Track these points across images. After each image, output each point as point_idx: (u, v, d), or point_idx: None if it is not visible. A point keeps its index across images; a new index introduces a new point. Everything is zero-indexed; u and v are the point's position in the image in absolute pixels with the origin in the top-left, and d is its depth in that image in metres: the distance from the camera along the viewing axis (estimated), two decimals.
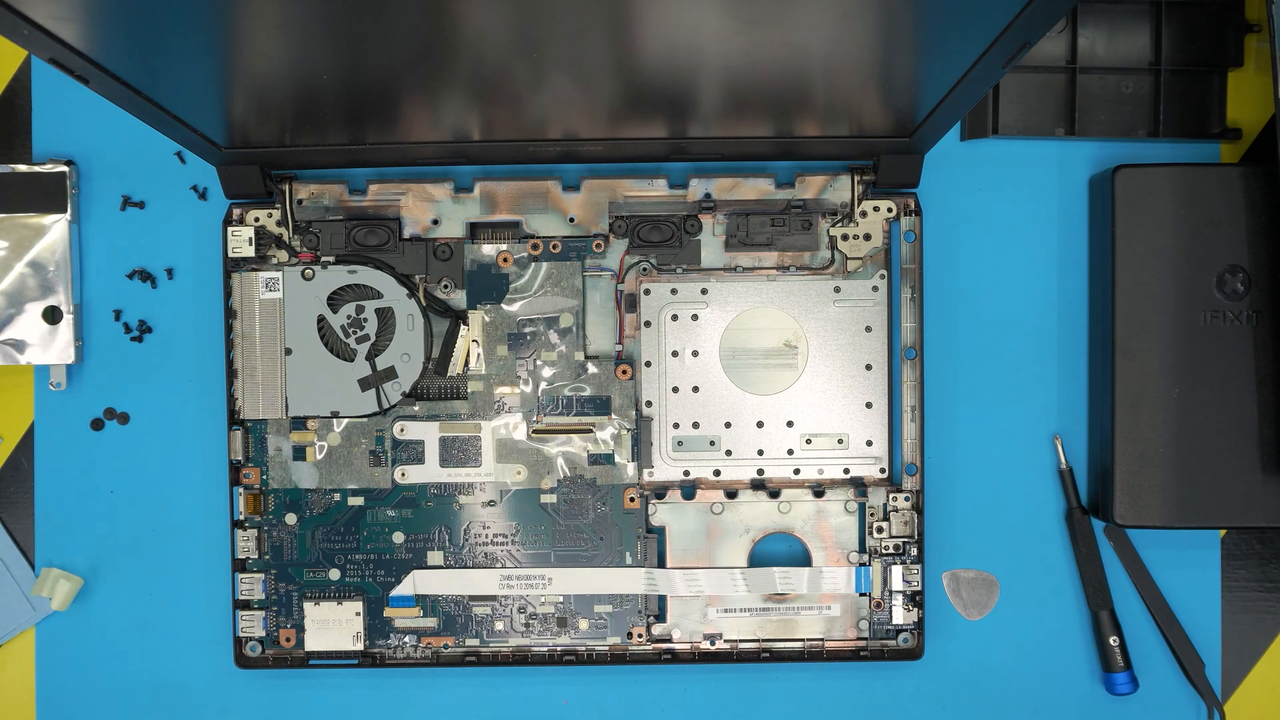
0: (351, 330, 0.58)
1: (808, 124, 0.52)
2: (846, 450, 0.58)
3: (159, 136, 0.51)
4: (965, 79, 0.45)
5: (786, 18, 0.40)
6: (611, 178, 0.58)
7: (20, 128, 0.60)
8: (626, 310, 0.58)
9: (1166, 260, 0.56)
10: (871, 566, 0.58)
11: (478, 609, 0.58)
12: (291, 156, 0.56)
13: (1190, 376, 0.56)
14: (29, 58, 0.60)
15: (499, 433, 0.58)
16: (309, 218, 0.58)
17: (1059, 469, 0.60)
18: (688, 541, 0.58)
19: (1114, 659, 0.58)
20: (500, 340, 0.58)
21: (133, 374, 0.60)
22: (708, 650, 0.58)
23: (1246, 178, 0.56)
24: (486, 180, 0.58)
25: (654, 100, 0.49)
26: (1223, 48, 0.58)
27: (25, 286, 0.58)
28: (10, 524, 0.60)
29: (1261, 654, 0.60)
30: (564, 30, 0.41)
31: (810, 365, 0.58)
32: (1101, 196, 0.58)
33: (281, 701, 0.60)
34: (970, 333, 0.60)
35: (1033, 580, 0.60)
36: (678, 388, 0.58)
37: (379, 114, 0.51)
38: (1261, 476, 0.56)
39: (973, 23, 0.40)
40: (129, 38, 0.42)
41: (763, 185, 0.58)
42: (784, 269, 0.58)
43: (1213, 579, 0.60)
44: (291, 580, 0.58)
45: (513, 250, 0.58)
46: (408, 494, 0.58)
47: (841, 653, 0.58)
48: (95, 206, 0.60)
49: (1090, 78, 0.58)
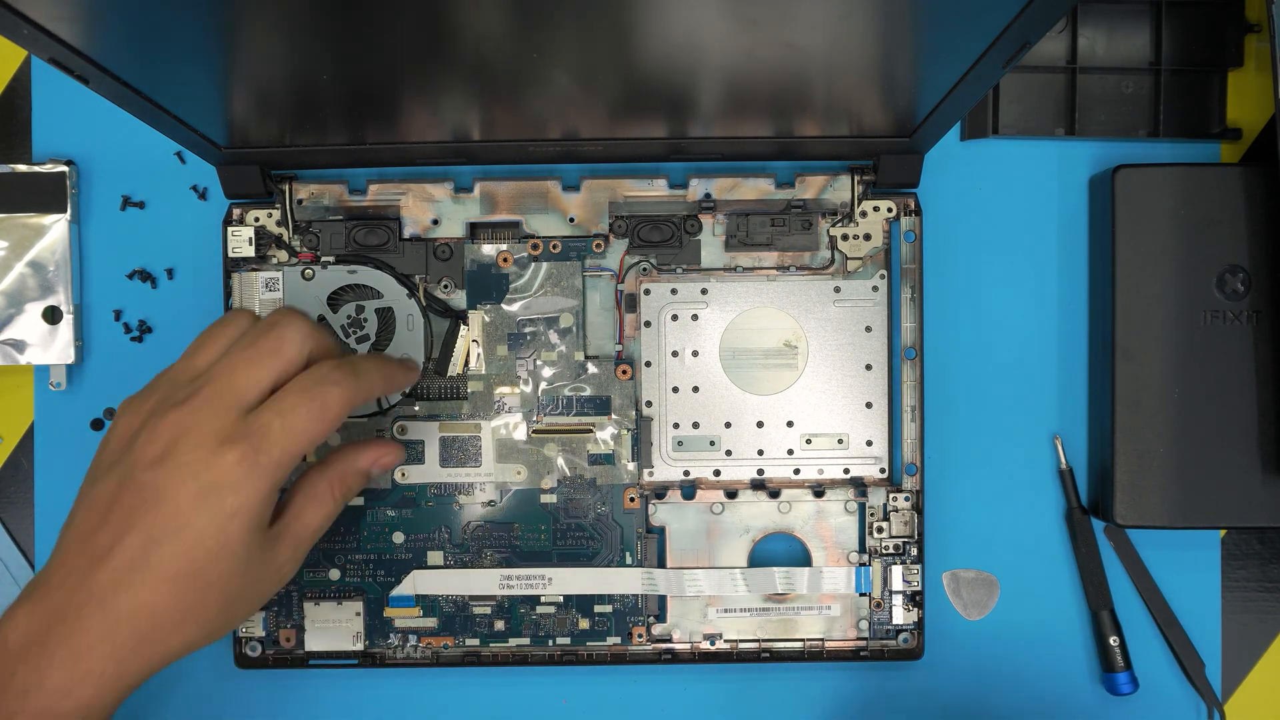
0: (352, 330, 0.58)
1: (808, 124, 0.52)
2: (846, 450, 0.58)
3: (159, 136, 0.51)
4: (965, 79, 0.45)
5: (786, 18, 0.40)
6: (611, 178, 0.58)
7: (20, 128, 0.60)
8: (626, 310, 0.58)
9: (1166, 260, 0.56)
10: (871, 566, 0.58)
11: (478, 609, 0.58)
12: (291, 156, 0.56)
13: (1190, 376, 0.56)
14: (29, 58, 0.60)
15: (499, 433, 0.58)
16: (309, 218, 0.58)
17: (1059, 469, 0.60)
18: (688, 541, 0.58)
19: (1114, 659, 0.58)
20: (500, 340, 0.58)
21: (133, 374, 0.60)
22: (708, 650, 0.58)
23: (1246, 178, 0.56)
24: (486, 180, 0.58)
25: (654, 100, 0.49)
26: (1223, 48, 0.58)
27: (25, 286, 0.58)
28: (10, 524, 0.60)
29: (1261, 654, 0.60)
30: (564, 30, 0.41)
31: (810, 365, 0.58)
32: (1101, 196, 0.58)
33: (281, 701, 0.60)
34: (970, 333, 0.60)
35: (1033, 580, 0.60)
36: (678, 388, 0.58)
37: (379, 114, 0.51)
38: (1261, 476, 0.56)
39: (973, 23, 0.40)
40: (129, 38, 0.42)
41: (763, 185, 0.58)
42: (784, 269, 0.58)
43: (1213, 579, 0.60)
44: (291, 580, 0.58)
45: (513, 250, 0.58)
46: (408, 494, 0.58)
47: (841, 653, 0.58)
48: (95, 206, 0.60)
49: (1090, 78, 0.58)
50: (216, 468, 0.44)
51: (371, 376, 0.49)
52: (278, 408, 0.45)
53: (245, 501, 0.44)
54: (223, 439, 0.45)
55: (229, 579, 0.45)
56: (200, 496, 0.44)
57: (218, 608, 0.45)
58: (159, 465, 0.44)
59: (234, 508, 0.44)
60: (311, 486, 0.49)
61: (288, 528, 0.48)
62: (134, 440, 0.46)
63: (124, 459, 0.45)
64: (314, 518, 0.49)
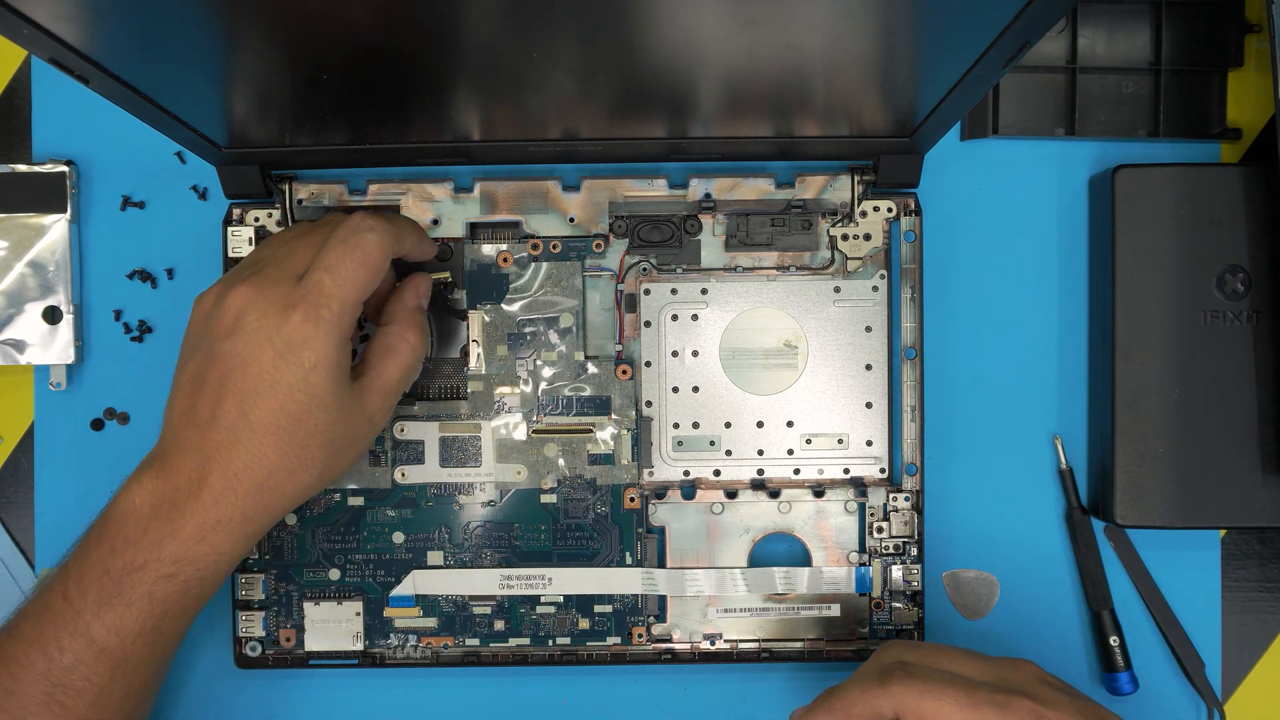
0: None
1: (808, 124, 0.52)
2: (846, 450, 0.58)
3: (159, 136, 0.51)
4: (965, 79, 0.45)
5: (786, 18, 0.40)
6: (611, 178, 0.58)
7: (20, 128, 0.60)
8: (626, 310, 0.58)
9: (1166, 260, 0.56)
10: (871, 566, 0.58)
11: (477, 609, 0.58)
12: (291, 156, 0.56)
13: (1190, 376, 0.56)
14: (29, 58, 0.60)
15: (499, 433, 0.58)
16: (309, 218, 0.58)
17: (1059, 469, 0.60)
18: (688, 541, 0.58)
19: (1114, 659, 0.58)
20: (500, 340, 0.58)
21: (133, 374, 0.60)
22: (708, 650, 0.58)
23: (1246, 178, 0.56)
24: (486, 180, 0.58)
25: (654, 100, 0.49)
26: (1223, 48, 0.58)
27: (25, 286, 0.58)
28: (10, 524, 0.60)
29: (1261, 654, 0.60)
30: (564, 30, 0.41)
31: (810, 365, 0.58)
32: (1101, 196, 0.58)
33: (281, 701, 0.60)
34: (970, 333, 0.60)
35: (1033, 580, 0.60)
36: (678, 388, 0.58)
37: (379, 114, 0.51)
38: (1261, 476, 0.56)
39: (973, 23, 0.40)
40: (129, 38, 0.42)
41: (763, 185, 0.58)
42: (784, 269, 0.58)
43: (1213, 579, 0.60)
44: (291, 580, 0.58)
45: (513, 250, 0.58)
46: (408, 494, 0.58)
47: (841, 653, 0.58)
48: (95, 206, 0.60)
49: (1090, 78, 0.58)
50: (286, 327, 0.49)
51: (403, 224, 0.54)
52: (324, 264, 0.49)
53: (321, 353, 0.49)
54: (286, 304, 0.49)
55: (327, 427, 0.50)
56: (280, 355, 0.48)
57: (323, 455, 0.50)
58: (234, 335, 0.49)
59: (312, 361, 0.49)
60: (381, 339, 0.53)
61: (372, 381, 0.52)
62: (209, 319, 0.50)
63: (203, 337, 0.50)
64: (394, 368, 0.52)
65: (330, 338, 0.49)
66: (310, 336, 0.48)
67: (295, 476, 0.50)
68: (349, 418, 0.50)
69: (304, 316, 0.49)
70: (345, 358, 0.50)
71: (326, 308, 0.49)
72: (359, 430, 0.51)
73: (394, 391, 0.53)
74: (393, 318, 0.53)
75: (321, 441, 0.50)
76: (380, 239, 0.50)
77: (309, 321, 0.49)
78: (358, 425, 0.51)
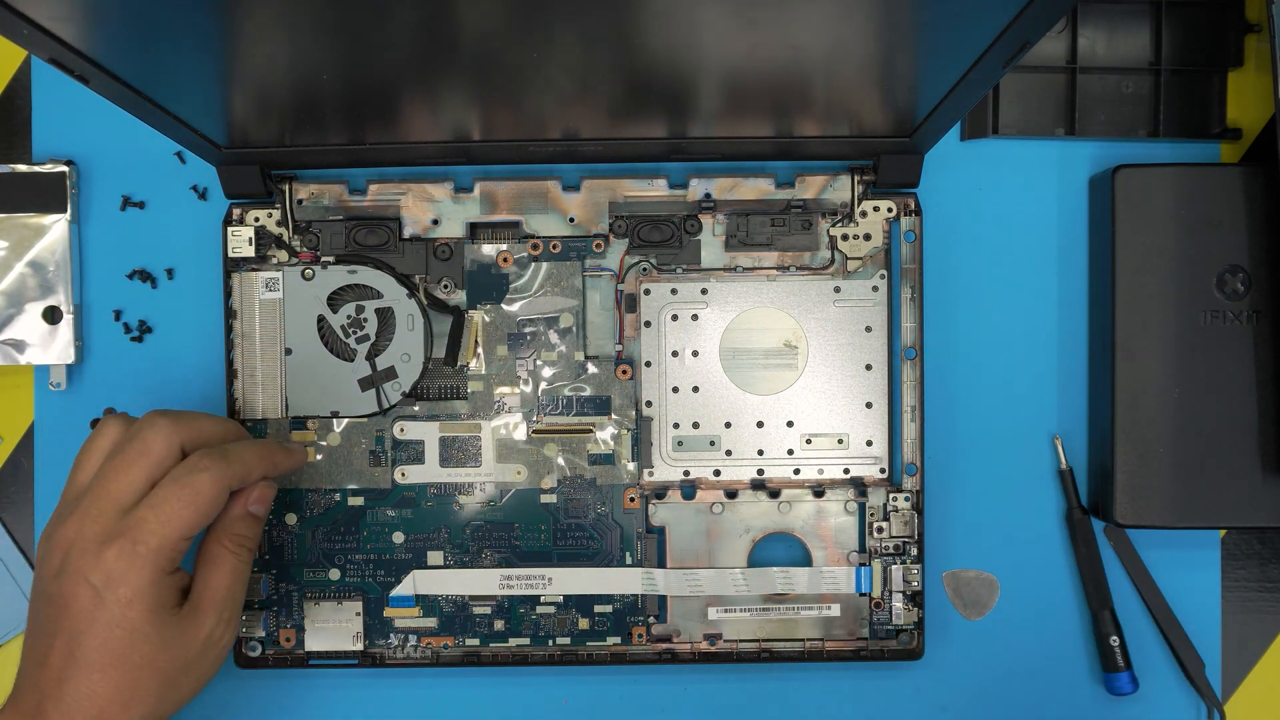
0: (351, 330, 0.58)
1: (808, 124, 0.52)
2: (846, 450, 0.58)
3: (159, 136, 0.51)
4: (965, 79, 0.45)
5: (786, 18, 0.40)
6: (611, 178, 0.58)
7: (20, 128, 0.60)
8: (626, 310, 0.58)
9: (1166, 260, 0.56)
10: (871, 566, 0.58)
11: (477, 609, 0.58)
12: (291, 156, 0.56)
13: (1190, 376, 0.56)
14: (29, 58, 0.60)
15: (499, 433, 0.58)
16: (309, 218, 0.58)
17: (1059, 469, 0.60)
18: (688, 541, 0.58)
19: (1114, 659, 0.58)
20: (500, 340, 0.58)
21: (132, 374, 0.60)
22: (708, 650, 0.58)
23: (1246, 178, 0.56)
24: (486, 180, 0.58)
25: (654, 100, 0.49)
26: (1223, 48, 0.58)
27: (25, 286, 0.58)
28: (10, 524, 0.60)
29: (1261, 654, 0.60)
30: (564, 30, 0.41)
31: (810, 365, 0.58)
32: (1101, 196, 0.58)
33: (281, 701, 0.60)
34: (970, 333, 0.60)
35: (1033, 580, 0.60)
36: (678, 388, 0.58)
37: (379, 114, 0.51)
38: (1261, 476, 0.56)
39: (973, 23, 0.40)
40: (129, 38, 0.42)
41: (763, 185, 0.58)
42: (784, 269, 0.58)
43: (1213, 579, 0.60)
44: (291, 580, 0.58)
45: (513, 250, 0.58)
46: (408, 494, 0.58)
47: (841, 653, 0.58)
48: (95, 206, 0.60)
49: (1090, 78, 0.58)
50: (101, 565, 0.49)
51: (245, 459, 0.52)
52: (150, 501, 0.50)
53: (135, 589, 0.49)
54: (103, 539, 0.49)
55: (154, 657, 0.49)
56: (96, 593, 0.49)
57: (156, 684, 0.50)
58: (60, 576, 0.49)
59: (128, 597, 0.49)
60: (206, 552, 0.53)
61: (200, 597, 0.52)
62: (43, 561, 0.51)
63: (40, 578, 0.51)
64: (220, 578, 0.52)
65: (145, 572, 0.49)
66: (126, 572, 0.49)
67: (130, 709, 0.49)
68: (179, 644, 0.50)
69: (119, 552, 0.49)
70: (164, 591, 0.50)
71: (144, 543, 0.49)
72: (195, 653, 0.51)
73: (226, 600, 0.52)
74: (218, 525, 0.53)
75: (151, 673, 0.49)
76: (214, 478, 0.50)
77: (124, 558, 0.48)
78: (191, 649, 0.50)
